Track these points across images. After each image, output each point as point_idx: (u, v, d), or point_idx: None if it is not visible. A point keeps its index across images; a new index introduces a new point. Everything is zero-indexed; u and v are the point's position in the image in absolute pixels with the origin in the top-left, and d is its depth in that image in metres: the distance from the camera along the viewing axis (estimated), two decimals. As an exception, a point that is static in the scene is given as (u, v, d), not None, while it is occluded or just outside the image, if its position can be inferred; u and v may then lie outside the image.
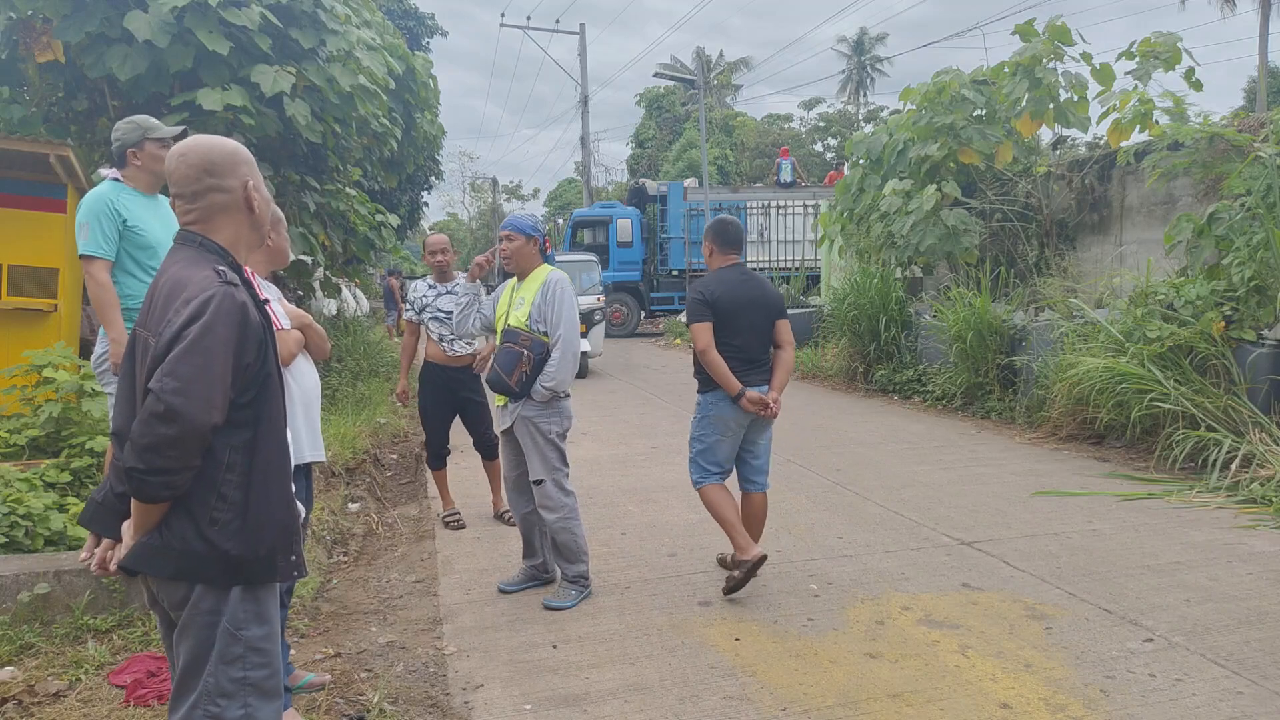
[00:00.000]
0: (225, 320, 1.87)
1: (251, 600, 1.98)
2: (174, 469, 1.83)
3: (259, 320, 1.97)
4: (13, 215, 5.86)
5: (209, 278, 1.91)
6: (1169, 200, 9.81)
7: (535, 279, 4.28)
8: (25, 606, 3.58)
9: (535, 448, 4.20)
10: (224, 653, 1.94)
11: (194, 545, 1.90)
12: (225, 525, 1.92)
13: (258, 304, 2.02)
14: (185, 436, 1.81)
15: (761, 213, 23.05)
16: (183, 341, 1.83)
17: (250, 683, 1.96)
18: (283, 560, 2.02)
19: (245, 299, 1.94)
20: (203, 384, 1.82)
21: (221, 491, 1.92)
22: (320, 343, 3.29)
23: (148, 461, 1.81)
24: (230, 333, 1.87)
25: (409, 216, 20.71)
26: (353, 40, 7.40)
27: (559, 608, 4.15)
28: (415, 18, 23.70)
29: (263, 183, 2.14)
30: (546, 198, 56.89)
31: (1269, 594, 4.18)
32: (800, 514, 5.75)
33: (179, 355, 1.82)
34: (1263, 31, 35.41)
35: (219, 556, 1.91)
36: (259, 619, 1.99)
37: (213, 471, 1.91)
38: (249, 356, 1.92)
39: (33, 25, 6.51)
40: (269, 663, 2.00)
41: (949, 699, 3.22)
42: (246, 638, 1.96)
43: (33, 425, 4.93)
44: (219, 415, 1.86)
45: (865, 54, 49.58)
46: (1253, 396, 6.61)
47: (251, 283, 2.10)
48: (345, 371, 10.24)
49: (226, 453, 1.92)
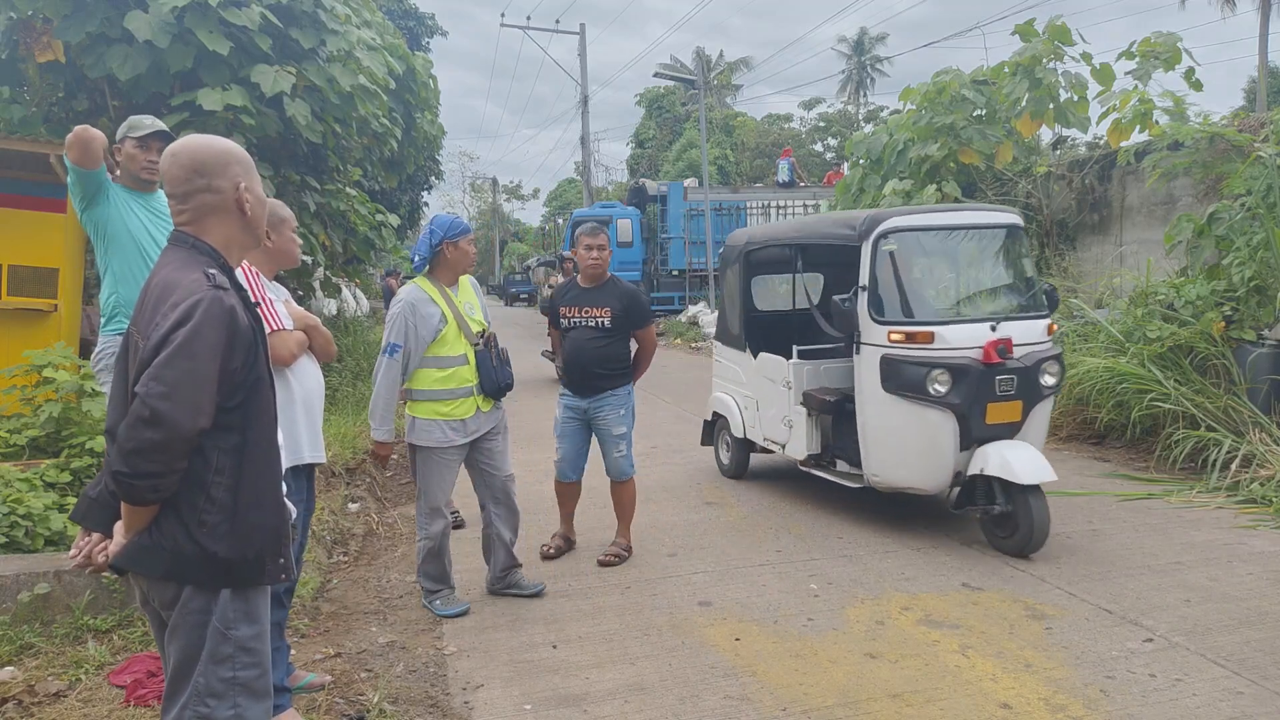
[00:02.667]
0: (213, 324, 1.86)
1: (242, 600, 1.98)
2: (159, 473, 1.83)
3: (248, 324, 1.96)
4: (13, 215, 5.85)
5: (198, 281, 1.90)
6: (1169, 200, 9.81)
7: (465, 283, 4.24)
8: (25, 606, 3.58)
9: (507, 442, 4.33)
10: (214, 653, 1.94)
11: (183, 546, 1.90)
12: (214, 528, 1.92)
13: (248, 307, 2.01)
14: (170, 441, 1.81)
15: (762, 213, 23.05)
16: (169, 346, 1.82)
17: (240, 682, 1.96)
18: (271, 563, 2.02)
19: (234, 303, 1.93)
20: (189, 389, 1.82)
21: (210, 494, 1.91)
22: (325, 344, 3.28)
23: (133, 465, 1.81)
24: (218, 337, 1.86)
25: (409, 216, 20.73)
26: (353, 40, 7.40)
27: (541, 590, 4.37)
28: (415, 18, 23.71)
29: (259, 184, 2.13)
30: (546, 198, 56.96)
31: (1269, 594, 4.18)
32: (800, 514, 5.75)
33: (165, 360, 1.81)
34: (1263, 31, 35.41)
35: (207, 558, 1.91)
36: (249, 619, 1.99)
37: (202, 473, 1.90)
38: (236, 361, 1.91)
39: (33, 25, 6.51)
40: (259, 663, 2.00)
41: (949, 699, 3.22)
42: (236, 638, 1.96)
43: (33, 425, 4.92)
44: (205, 420, 1.86)
45: (865, 54, 49.57)
46: (1253, 396, 6.61)
47: (244, 285, 2.09)
48: (345, 371, 10.22)
49: (215, 455, 1.92)
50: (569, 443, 4.90)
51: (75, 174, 3.56)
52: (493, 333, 4.22)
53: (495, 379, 4.09)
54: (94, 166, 3.54)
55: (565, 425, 4.88)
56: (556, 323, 4.90)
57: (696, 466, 7.25)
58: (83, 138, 3.46)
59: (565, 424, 4.88)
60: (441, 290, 4.07)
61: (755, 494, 6.31)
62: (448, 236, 4.04)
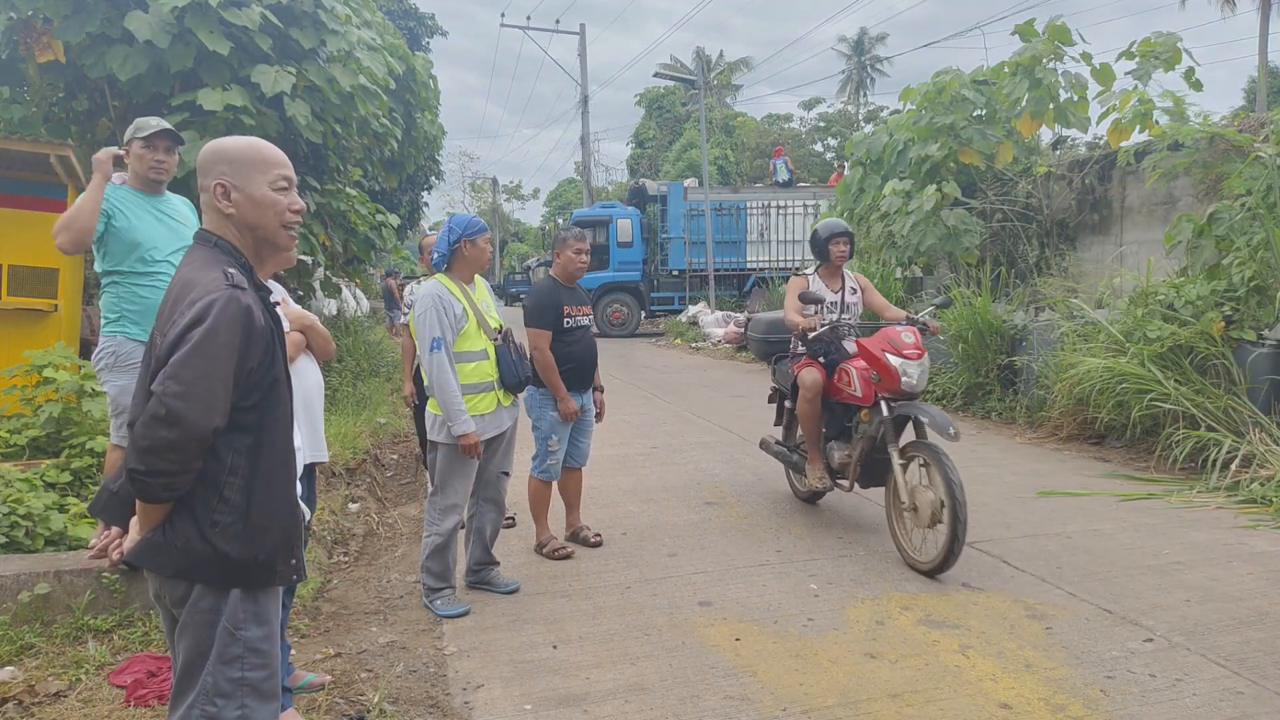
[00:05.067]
0: (229, 324, 1.85)
1: (251, 601, 1.97)
2: (174, 471, 1.83)
3: (265, 324, 1.95)
4: (13, 215, 5.86)
5: (215, 280, 1.90)
6: (1169, 200, 9.82)
7: (479, 281, 4.36)
8: (25, 606, 3.58)
9: (513, 439, 4.39)
10: (222, 653, 1.94)
11: (195, 545, 1.90)
12: (226, 528, 1.91)
13: (267, 307, 2.00)
14: (186, 440, 1.81)
15: (761, 213, 23.04)
16: (185, 345, 1.83)
17: (248, 683, 1.95)
18: (283, 564, 2.02)
19: (250, 302, 1.92)
20: (205, 388, 1.82)
21: (224, 494, 1.91)
22: (324, 344, 3.28)
23: (148, 464, 1.81)
24: (234, 337, 1.86)
25: (409, 216, 20.72)
26: (353, 40, 7.40)
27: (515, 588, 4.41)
28: (415, 18, 23.71)
29: (256, 182, 2.03)
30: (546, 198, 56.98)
31: (1269, 594, 4.18)
32: (800, 514, 5.75)
33: (181, 359, 1.81)
34: (1263, 31, 35.42)
35: (219, 558, 1.91)
36: (258, 620, 1.98)
37: (216, 473, 1.90)
38: (253, 360, 1.91)
39: (33, 25, 6.51)
40: (267, 664, 1.99)
41: (949, 699, 3.22)
42: (245, 638, 1.95)
43: (33, 425, 4.93)
44: (220, 419, 1.85)
45: (865, 54, 49.60)
46: (1253, 396, 6.61)
47: (263, 285, 2.07)
48: (345, 372, 10.23)
49: (230, 455, 1.91)
50: (567, 440, 5.00)
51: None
52: (509, 328, 4.31)
53: (516, 372, 4.22)
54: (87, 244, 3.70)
55: (566, 424, 4.93)
56: (557, 323, 4.90)
57: (696, 466, 7.25)
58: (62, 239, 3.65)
59: (566, 423, 4.93)
60: (460, 286, 4.18)
61: (755, 494, 6.31)
62: (465, 235, 4.15)
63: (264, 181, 2.04)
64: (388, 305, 20.89)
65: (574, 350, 4.89)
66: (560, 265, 4.96)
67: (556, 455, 4.92)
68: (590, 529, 5.20)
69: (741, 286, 23.16)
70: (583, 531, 5.17)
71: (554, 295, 4.91)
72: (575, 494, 5.23)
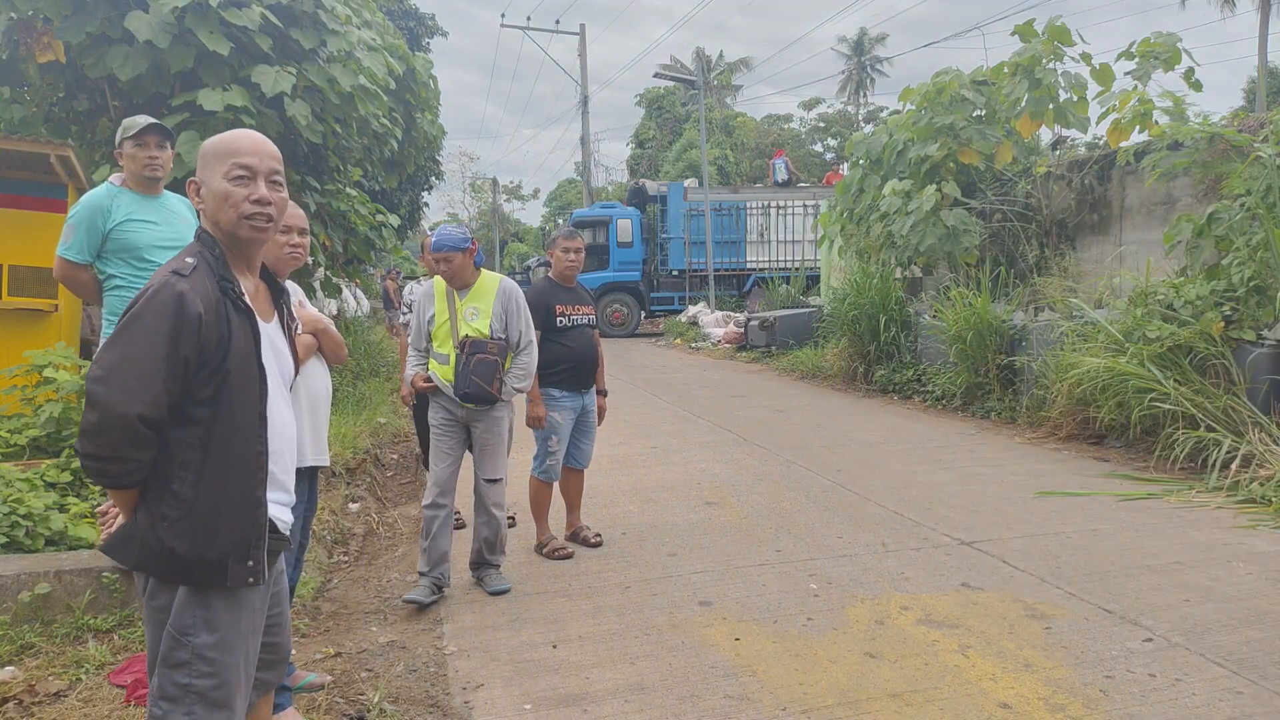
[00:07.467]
0: (156, 310, 1.82)
1: (201, 606, 1.89)
2: (105, 457, 1.81)
3: (200, 313, 1.84)
4: (13, 215, 5.87)
5: (163, 270, 1.90)
6: (1169, 200, 9.82)
7: (484, 288, 4.35)
8: (26, 606, 3.59)
9: (499, 445, 4.40)
10: (168, 656, 1.88)
11: (147, 538, 1.87)
12: (174, 523, 1.86)
13: (232, 300, 1.92)
14: (106, 424, 1.78)
15: (761, 213, 23.06)
16: (115, 330, 1.85)
17: (195, 690, 1.88)
18: (235, 565, 1.91)
19: (186, 289, 1.84)
20: (124, 372, 1.79)
21: (172, 488, 1.87)
22: (335, 348, 3.28)
23: (80, 446, 1.83)
24: (160, 323, 1.81)
25: (409, 217, 20.74)
26: (353, 41, 7.40)
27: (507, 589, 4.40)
28: (415, 18, 23.70)
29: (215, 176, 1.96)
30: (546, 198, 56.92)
31: (1269, 594, 4.18)
32: (800, 514, 5.75)
33: (106, 344, 1.84)
34: (1263, 31, 35.43)
35: (165, 553, 1.86)
36: (208, 626, 1.89)
37: (167, 467, 1.87)
38: (187, 349, 1.83)
39: (33, 25, 6.51)
40: (217, 673, 1.89)
41: (949, 699, 3.22)
42: (193, 645, 1.88)
43: (33, 425, 4.93)
44: (145, 407, 1.79)
45: (865, 54, 49.61)
46: (1252, 396, 6.61)
47: (234, 279, 1.97)
48: (346, 372, 10.23)
49: (181, 449, 1.87)
50: (568, 441, 5.01)
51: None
52: (480, 341, 4.22)
53: (461, 384, 4.22)
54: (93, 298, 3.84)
55: (567, 423, 4.94)
56: (548, 323, 4.87)
57: (696, 466, 7.26)
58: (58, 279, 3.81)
59: (567, 422, 4.94)
60: (448, 291, 4.37)
61: (755, 494, 6.31)
62: (432, 250, 4.40)
63: (219, 173, 1.96)
64: (386, 306, 20.93)
65: (570, 350, 4.87)
66: (554, 265, 5.01)
67: (556, 455, 4.92)
68: (590, 529, 5.21)
69: (741, 286, 23.18)
70: (583, 532, 5.17)
71: (544, 295, 4.90)
72: (576, 495, 5.23)
